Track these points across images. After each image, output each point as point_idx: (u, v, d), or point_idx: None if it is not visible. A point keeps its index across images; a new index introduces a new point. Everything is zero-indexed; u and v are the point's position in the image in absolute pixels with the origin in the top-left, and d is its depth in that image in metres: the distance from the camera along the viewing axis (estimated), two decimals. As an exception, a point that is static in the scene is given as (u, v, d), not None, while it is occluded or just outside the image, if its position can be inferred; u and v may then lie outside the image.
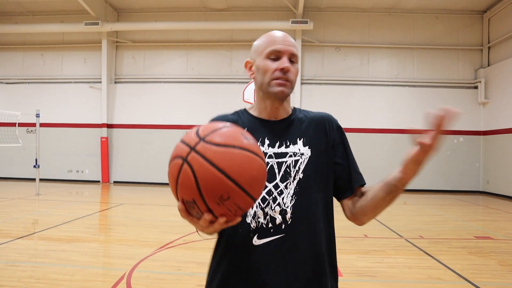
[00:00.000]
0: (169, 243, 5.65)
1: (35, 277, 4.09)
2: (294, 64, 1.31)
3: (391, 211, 8.98)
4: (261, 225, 1.23)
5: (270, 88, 1.29)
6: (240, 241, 1.25)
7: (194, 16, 14.31)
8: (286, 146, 1.30)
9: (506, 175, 12.20)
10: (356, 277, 4.34)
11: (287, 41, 1.31)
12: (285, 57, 1.29)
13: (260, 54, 1.32)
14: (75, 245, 5.46)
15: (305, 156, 1.30)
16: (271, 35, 1.33)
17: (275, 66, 1.28)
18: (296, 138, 1.32)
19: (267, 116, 1.35)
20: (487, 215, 9.53)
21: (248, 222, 1.24)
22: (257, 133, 1.30)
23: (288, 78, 1.28)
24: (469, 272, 4.50)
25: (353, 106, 13.75)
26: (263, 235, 1.23)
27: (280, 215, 1.24)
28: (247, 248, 1.24)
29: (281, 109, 1.35)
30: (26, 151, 13.67)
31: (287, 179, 1.27)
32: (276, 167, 1.28)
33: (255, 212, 1.25)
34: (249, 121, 1.36)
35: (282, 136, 1.32)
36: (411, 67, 14.04)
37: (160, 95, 14.51)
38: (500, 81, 12.71)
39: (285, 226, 1.23)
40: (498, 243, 6.16)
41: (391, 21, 14.04)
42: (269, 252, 1.21)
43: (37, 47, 15.17)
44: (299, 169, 1.28)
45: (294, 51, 1.30)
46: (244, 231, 1.24)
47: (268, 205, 1.25)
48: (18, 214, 7.91)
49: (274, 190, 1.26)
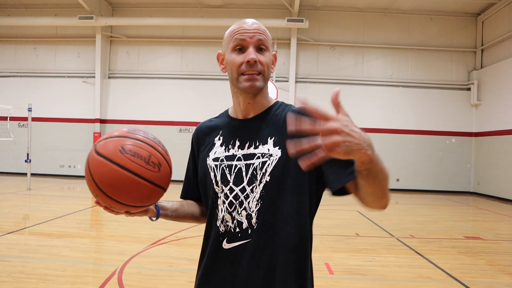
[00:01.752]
0: (161, 239, 5.64)
1: (25, 272, 4.06)
2: (264, 52, 1.21)
3: (383, 211, 9.05)
4: (230, 229, 1.21)
5: (239, 84, 1.20)
6: (212, 244, 1.25)
7: (189, 12, 14.24)
8: (255, 147, 1.22)
9: (497, 177, 12.34)
10: (347, 275, 4.37)
11: (252, 29, 1.20)
12: (250, 48, 1.19)
13: (227, 47, 1.24)
14: (66, 241, 5.42)
15: (274, 158, 1.19)
16: (237, 24, 1.23)
17: (240, 60, 1.19)
18: (266, 138, 1.22)
19: (241, 114, 1.29)
20: (477, 215, 9.65)
21: (218, 225, 1.24)
22: (230, 135, 1.29)
23: (257, 70, 1.18)
24: (458, 272, 4.56)
25: (347, 105, 13.21)
26: (231, 240, 1.21)
27: (246, 219, 1.20)
28: (218, 251, 1.23)
29: (255, 104, 1.27)
30: (17, 145, 13.54)
31: (253, 182, 1.20)
32: (244, 169, 1.22)
33: (223, 216, 1.23)
34: (224, 124, 1.33)
35: (253, 136, 1.25)
36: (405, 68, 14.13)
37: (154, 91, 14.44)
38: (492, 83, 12.84)
39: (251, 231, 1.19)
40: (488, 243, 6.24)
41: (386, 21, 14.10)
42: (238, 257, 1.20)
43: (29, 41, 15.01)
44: (266, 171, 1.19)
45: (261, 38, 1.20)
46: (215, 234, 1.25)
47: (235, 209, 1.21)
48: (8, 209, 7.84)
49: (241, 194, 1.21)
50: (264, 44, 1.21)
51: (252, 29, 1.20)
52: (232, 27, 1.24)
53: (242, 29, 1.20)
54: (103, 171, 1.10)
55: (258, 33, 1.20)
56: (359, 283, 4.12)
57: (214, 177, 1.26)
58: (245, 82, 1.19)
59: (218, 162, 1.27)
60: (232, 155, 1.25)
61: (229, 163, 1.24)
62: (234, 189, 1.22)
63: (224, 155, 1.27)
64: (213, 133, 1.35)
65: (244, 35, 1.19)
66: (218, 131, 1.33)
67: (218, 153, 1.28)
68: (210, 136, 1.34)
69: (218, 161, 1.27)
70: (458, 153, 13.82)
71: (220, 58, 1.30)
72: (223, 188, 1.24)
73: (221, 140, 1.30)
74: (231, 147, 1.27)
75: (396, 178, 13.52)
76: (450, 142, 13.84)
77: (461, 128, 13.82)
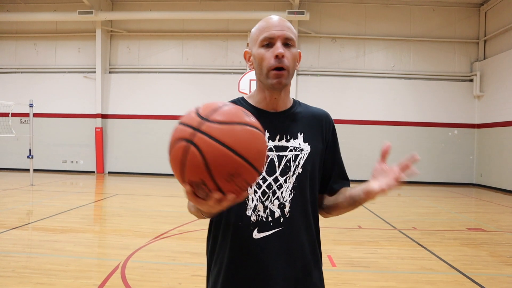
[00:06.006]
0: (164, 233, 5.66)
1: (29, 268, 4.08)
2: (290, 48, 1.25)
3: (385, 203, 9.04)
4: (261, 219, 1.24)
5: (267, 80, 1.25)
6: (241, 235, 1.24)
7: (189, 5, 14.15)
8: (287, 140, 1.29)
9: (499, 168, 12.31)
10: (350, 267, 4.38)
11: (280, 25, 1.25)
12: (278, 42, 1.23)
13: (255, 43, 1.28)
14: (70, 236, 5.45)
15: (305, 152, 1.30)
16: (264, 21, 1.28)
17: (268, 55, 1.23)
18: (297, 133, 1.31)
19: (266, 106, 1.32)
20: (479, 207, 9.64)
21: (248, 215, 1.24)
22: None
23: (284, 64, 1.22)
24: (461, 263, 4.56)
25: (349, 98, 13.74)
26: (263, 229, 1.24)
27: (278, 208, 1.25)
28: (247, 241, 1.24)
29: (280, 101, 1.32)
30: (19, 141, 13.58)
31: (287, 173, 1.27)
32: (276, 160, 1.27)
33: (255, 205, 1.24)
34: (249, 110, 1.30)
35: (282, 129, 1.30)
36: (407, 59, 14.04)
37: (155, 86, 14.41)
38: (495, 75, 12.75)
39: (283, 219, 1.25)
40: (490, 235, 6.24)
41: (387, 12, 13.98)
42: (269, 246, 1.23)
43: (30, 36, 14.97)
44: (299, 164, 1.28)
45: (288, 34, 1.24)
46: (244, 224, 1.24)
47: (268, 199, 1.25)
48: (12, 204, 7.87)
49: (274, 184, 1.26)
50: (290, 40, 1.25)
51: (280, 25, 1.25)
52: (259, 24, 1.29)
53: (270, 25, 1.25)
54: (246, 137, 0.92)
55: (285, 29, 1.25)
56: (361, 275, 4.13)
57: None
58: (273, 78, 1.24)
59: None
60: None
61: None
62: (267, 179, 1.26)
63: None
64: None
65: (272, 31, 1.24)
66: None
67: None
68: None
69: None
70: (461, 145, 13.78)
71: (247, 55, 1.34)
72: None
73: None
74: None
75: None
76: (453, 133, 13.78)
77: (463, 119, 13.75)
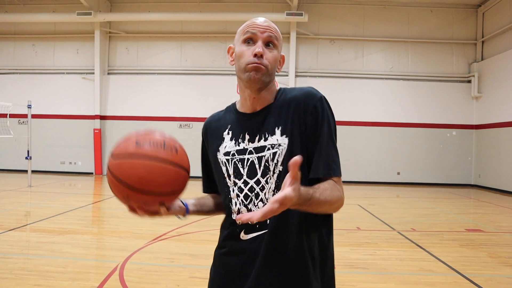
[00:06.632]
0: (162, 235, 5.64)
1: (27, 269, 4.07)
2: (272, 50, 1.25)
3: (384, 204, 9.05)
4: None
5: (245, 74, 1.23)
6: (231, 236, 1.30)
7: (188, 7, 14.16)
8: (265, 139, 1.26)
9: (498, 169, 12.33)
10: (349, 269, 4.37)
11: (264, 26, 1.25)
12: (259, 42, 1.23)
13: (238, 40, 1.29)
14: (68, 237, 5.43)
15: (283, 147, 1.23)
16: (250, 20, 1.29)
17: (249, 52, 1.23)
18: (273, 128, 1.26)
19: (248, 108, 1.32)
20: (478, 208, 9.65)
21: (234, 218, 1.28)
22: (239, 130, 1.31)
23: (262, 63, 1.22)
24: (459, 264, 4.56)
25: (347, 99, 13.74)
26: (249, 231, 1.25)
27: None
28: (236, 242, 1.28)
29: (261, 99, 1.29)
30: (17, 142, 13.53)
31: (267, 173, 1.24)
32: (256, 162, 1.26)
33: (239, 209, 1.27)
34: (232, 118, 1.36)
35: (261, 128, 1.28)
36: (405, 61, 14.06)
37: (153, 87, 14.39)
38: (493, 75, 12.78)
39: (269, 221, 1.22)
40: (489, 236, 6.24)
41: (385, 14, 14.01)
42: (256, 247, 1.23)
43: (28, 37, 14.94)
44: (278, 162, 1.23)
45: (271, 35, 1.25)
46: (232, 226, 1.30)
47: (251, 202, 1.26)
48: (10, 206, 7.84)
49: (256, 186, 1.25)
50: (273, 41, 1.26)
51: (264, 25, 1.26)
52: (245, 22, 1.30)
53: (254, 24, 1.26)
54: (127, 168, 1.11)
55: (269, 30, 1.25)
56: (360, 277, 4.13)
57: (226, 171, 1.31)
58: (249, 71, 1.22)
59: (229, 156, 1.31)
60: (243, 149, 1.29)
61: (241, 157, 1.28)
62: (248, 182, 1.26)
63: (235, 149, 1.30)
64: (221, 127, 1.37)
65: (255, 29, 1.25)
66: (227, 126, 1.36)
67: (229, 147, 1.32)
68: (219, 131, 1.37)
69: (230, 156, 1.31)
70: (459, 146, 13.80)
71: (230, 51, 1.35)
72: (235, 181, 1.29)
73: (230, 134, 1.33)
74: (241, 141, 1.30)
75: (397, 171, 13.51)
76: (451, 134, 13.81)
77: (461, 120, 13.78)
